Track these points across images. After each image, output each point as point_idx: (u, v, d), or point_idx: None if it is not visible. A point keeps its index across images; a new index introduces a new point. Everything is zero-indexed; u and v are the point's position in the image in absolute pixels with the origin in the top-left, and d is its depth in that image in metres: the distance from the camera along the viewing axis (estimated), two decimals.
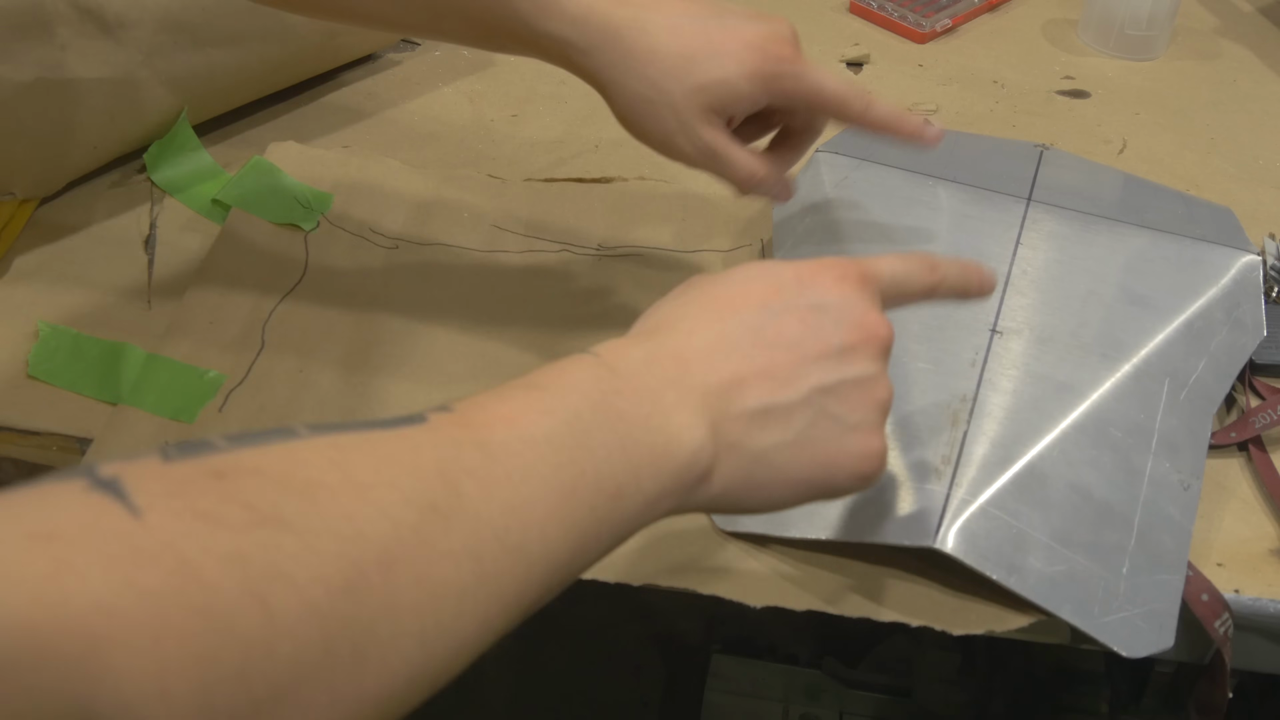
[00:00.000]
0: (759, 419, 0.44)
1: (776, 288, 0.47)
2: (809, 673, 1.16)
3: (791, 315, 0.46)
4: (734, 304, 0.46)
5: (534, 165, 0.83)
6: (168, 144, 0.79)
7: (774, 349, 0.45)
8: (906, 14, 0.99)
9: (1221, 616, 0.57)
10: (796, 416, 0.45)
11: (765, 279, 0.47)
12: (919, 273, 0.51)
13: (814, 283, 0.47)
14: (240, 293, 0.71)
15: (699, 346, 0.44)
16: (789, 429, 0.45)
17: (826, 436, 0.46)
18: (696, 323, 0.45)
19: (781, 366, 0.45)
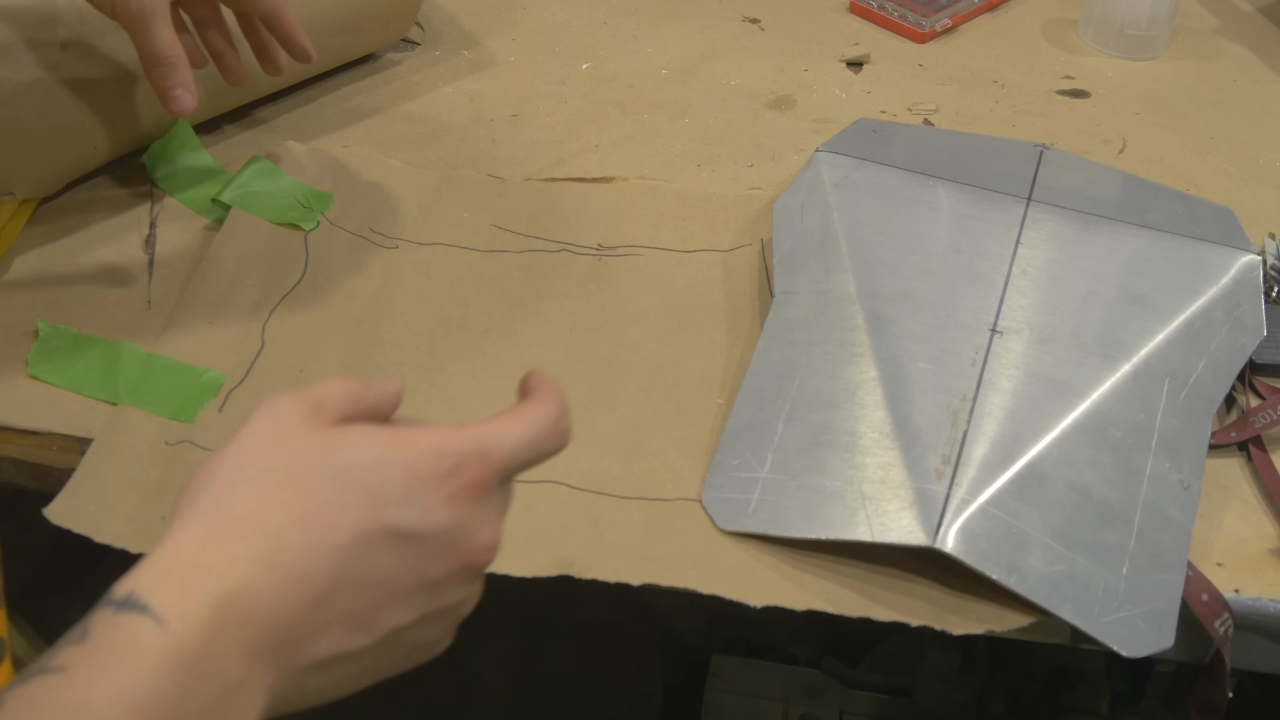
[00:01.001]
0: (326, 665, 0.39)
1: (378, 505, 0.39)
2: (809, 672, 1.17)
3: (387, 548, 0.39)
4: (326, 523, 0.38)
5: (534, 165, 0.83)
6: (168, 144, 0.79)
7: (360, 590, 0.39)
8: (906, 14, 0.99)
9: (1221, 616, 0.57)
10: (367, 656, 0.40)
11: (366, 489, 0.39)
12: (547, 442, 0.44)
13: (422, 503, 0.39)
14: (240, 293, 0.71)
15: (272, 592, 0.37)
16: (355, 666, 0.40)
17: (393, 660, 0.41)
18: (279, 548, 0.37)
19: (364, 609, 0.39)
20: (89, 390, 0.65)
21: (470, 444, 0.41)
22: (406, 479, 0.40)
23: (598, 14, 1.00)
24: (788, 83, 0.93)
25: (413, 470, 0.40)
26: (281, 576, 0.37)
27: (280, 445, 0.40)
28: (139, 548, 0.57)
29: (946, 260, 0.70)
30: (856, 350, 0.65)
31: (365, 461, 0.39)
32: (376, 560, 0.39)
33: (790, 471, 0.61)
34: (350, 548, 0.38)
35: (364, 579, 0.39)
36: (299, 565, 0.37)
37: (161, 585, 0.36)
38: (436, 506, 0.40)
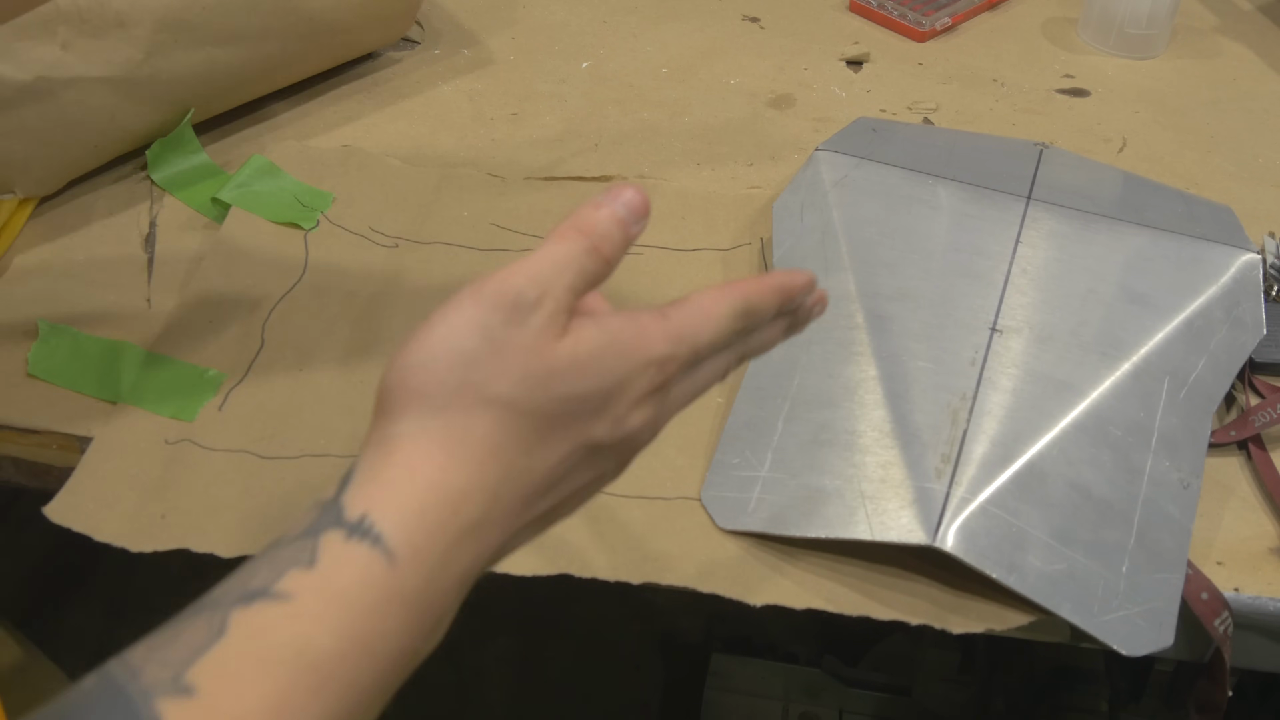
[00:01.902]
0: (508, 551, 0.41)
1: (591, 427, 0.40)
2: (809, 671, 1.17)
3: (585, 458, 0.41)
4: (547, 449, 0.39)
5: (534, 164, 0.83)
6: (169, 143, 0.79)
7: (554, 495, 0.41)
8: (906, 13, 0.99)
9: (1221, 615, 0.57)
10: (539, 535, 0.43)
11: (587, 415, 0.40)
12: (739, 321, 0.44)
13: (622, 414, 0.41)
14: (240, 291, 0.71)
15: (496, 518, 0.38)
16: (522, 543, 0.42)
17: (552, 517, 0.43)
18: (506, 477, 0.38)
19: (552, 511, 0.42)
20: (89, 389, 0.65)
21: (670, 347, 0.42)
22: (618, 394, 0.41)
23: (597, 13, 1.00)
24: (787, 81, 0.93)
25: (625, 385, 0.41)
26: (505, 506, 0.38)
27: (521, 364, 0.39)
28: (138, 546, 0.57)
29: (946, 259, 0.70)
30: (856, 349, 0.65)
31: (593, 390, 0.40)
32: (572, 468, 0.41)
33: (790, 470, 0.61)
34: (560, 463, 0.40)
35: (559, 485, 0.41)
36: (520, 490, 0.39)
37: (397, 514, 0.36)
38: (629, 415, 0.41)
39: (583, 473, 0.41)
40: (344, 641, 0.33)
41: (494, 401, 0.38)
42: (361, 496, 0.36)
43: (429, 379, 0.38)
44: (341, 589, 0.34)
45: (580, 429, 0.40)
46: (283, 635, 0.33)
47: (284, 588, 0.34)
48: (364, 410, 0.65)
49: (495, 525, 0.38)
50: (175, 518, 0.59)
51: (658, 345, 0.41)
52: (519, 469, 0.39)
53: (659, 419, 0.43)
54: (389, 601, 0.35)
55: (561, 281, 0.40)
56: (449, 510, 0.37)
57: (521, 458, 0.39)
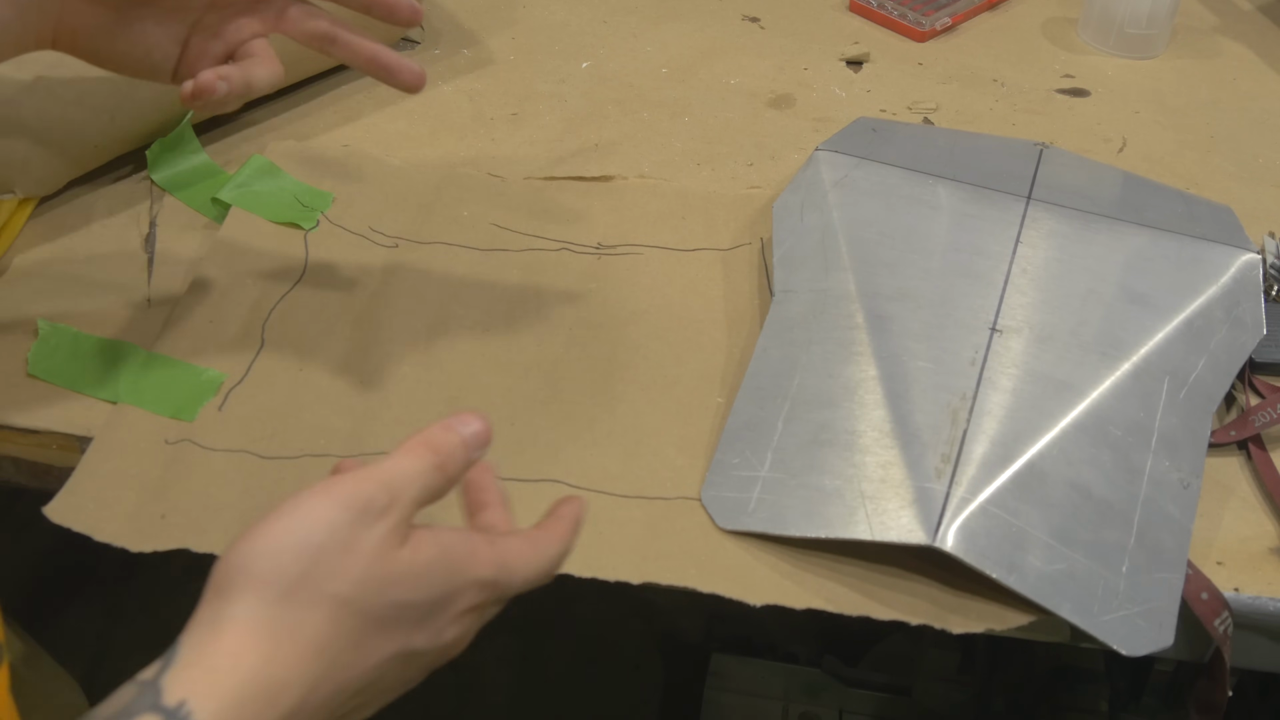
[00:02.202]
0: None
1: (414, 634, 0.43)
2: (809, 671, 1.17)
3: (402, 661, 0.43)
4: (371, 648, 0.41)
5: (534, 164, 0.83)
6: (169, 143, 0.79)
7: (365, 694, 0.42)
8: (906, 12, 0.99)
9: (1221, 615, 0.57)
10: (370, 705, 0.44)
11: (412, 622, 0.42)
12: (547, 578, 0.48)
13: (442, 626, 0.44)
14: (240, 291, 0.71)
15: (309, 709, 0.39)
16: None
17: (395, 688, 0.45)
18: (329, 673, 0.40)
19: (358, 709, 0.43)
20: (89, 389, 0.65)
21: (494, 573, 0.45)
22: (443, 606, 0.43)
23: (597, 13, 1.00)
24: (787, 81, 0.93)
25: (451, 599, 0.43)
26: (321, 697, 0.40)
27: (362, 566, 0.41)
28: (138, 546, 0.57)
29: (946, 259, 0.70)
30: (856, 349, 0.65)
31: (423, 599, 0.43)
32: (387, 671, 0.43)
33: (790, 470, 0.61)
34: (379, 666, 0.42)
35: (371, 687, 0.42)
36: (337, 685, 0.40)
37: (215, 701, 0.37)
38: (448, 626, 0.44)
39: (394, 675, 0.43)
40: None
41: (331, 599, 0.40)
42: (183, 680, 0.37)
43: (271, 567, 0.40)
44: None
45: (403, 635, 0.42)
46: None
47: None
48: (364, 410, 0.65)
49: (309, 714, 0.39)
50: (175, 518, 0.59)
51: (485, 568, 0.44)
52: (340, 665, 0.40)
53: (469, 634, 0.46)
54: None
55: (409, 493, 0.43)
56: (266, 702, 0.38)
57: (343, 655, 0.40)
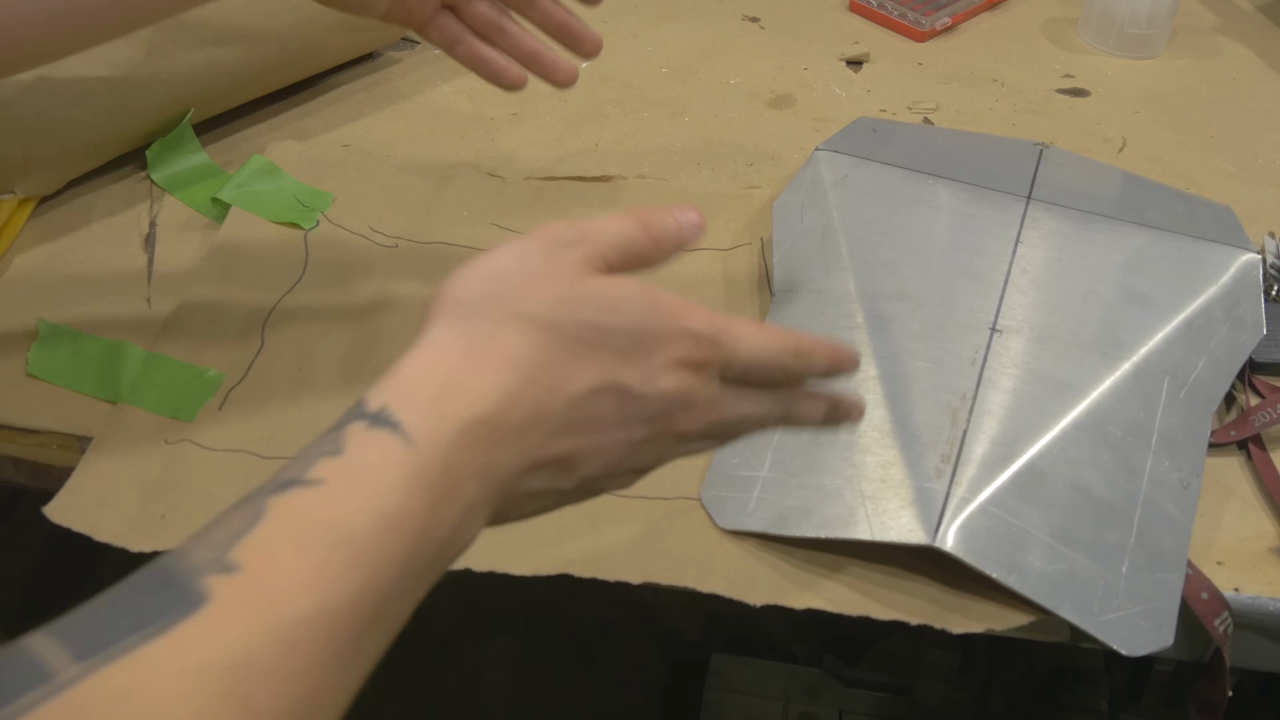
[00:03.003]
0: (532, 496, 0.42)
1: (619, 364, 0.41)
2: (809, 671, 1.17)
3: (611, 401, 0.41)
4: (572, 372, 0.41)
5: (534, 163, 0.83)
6: (169, 143, 0.79)
7: (579, 435, 0.41)
8: (906, 12, 0.99)
9: (1221, 615, 0.57)
10: (565, 495, 0.43)
11: (614, 349, 0.41)
12: (782, 358, 0.46)
13: (653, 368, 0.42)
14: (240, 291, 0.71)
15: (512, 425, 0.39)
16: (552, 500, 0.43)
17: (578, 497, 0.44)
18: (526, 386, 0.40)
19: (576, 454, 0.42)
20: (89, 389, 0.65)
21: (712, 331, 0.43)
22: (650, 344, 0.42)
23: (597, 13, 1.00)
24: (787, 81, 0.93)
25: (658, 339, 0.42)
26: (522, 414, 0.39)
27: (551, 287, 0.41)
28: (138, 546, 0.57)
29: (946, 259, 0.70)
30: (856, 349, 0.65)
31: (621, 326, 0.42)
32: (599, 410, 0.41)
33: (790, 470, 0.61)
34: (585, 396, 0.41)
35: (584, 426, 0.41)
36: (538, 405, 0.40)
37: (413, 404, 0.38)
38: (662, 373, 0.42)
39: (611, 420, 0.42)
40: (373, 518, 0.35)
41: (520, 316, 0.40)
42: (382, 391, 0.39)
43: (462, 290, 0.41)
44: (367, 471, 0.36)
45: (606, 364, 0.41)
46: (316, 516, 0.35)
47: (315, 475, 0.36)
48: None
49: (513, 431, 0.39)
50: (175, 518, 0.59)
51: (697, 321, 0.43)
52: (537, 383, 0.40)
53: (700, 403, 0.44)
54: (412, 481, 0.37)
55: (605, 235, 0.43)
56: (462, 403, 0.38)
57: (540, 372, 0.40)
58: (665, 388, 0.42)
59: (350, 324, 0.70)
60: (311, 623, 0.33)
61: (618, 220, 0.45)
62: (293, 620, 0.33)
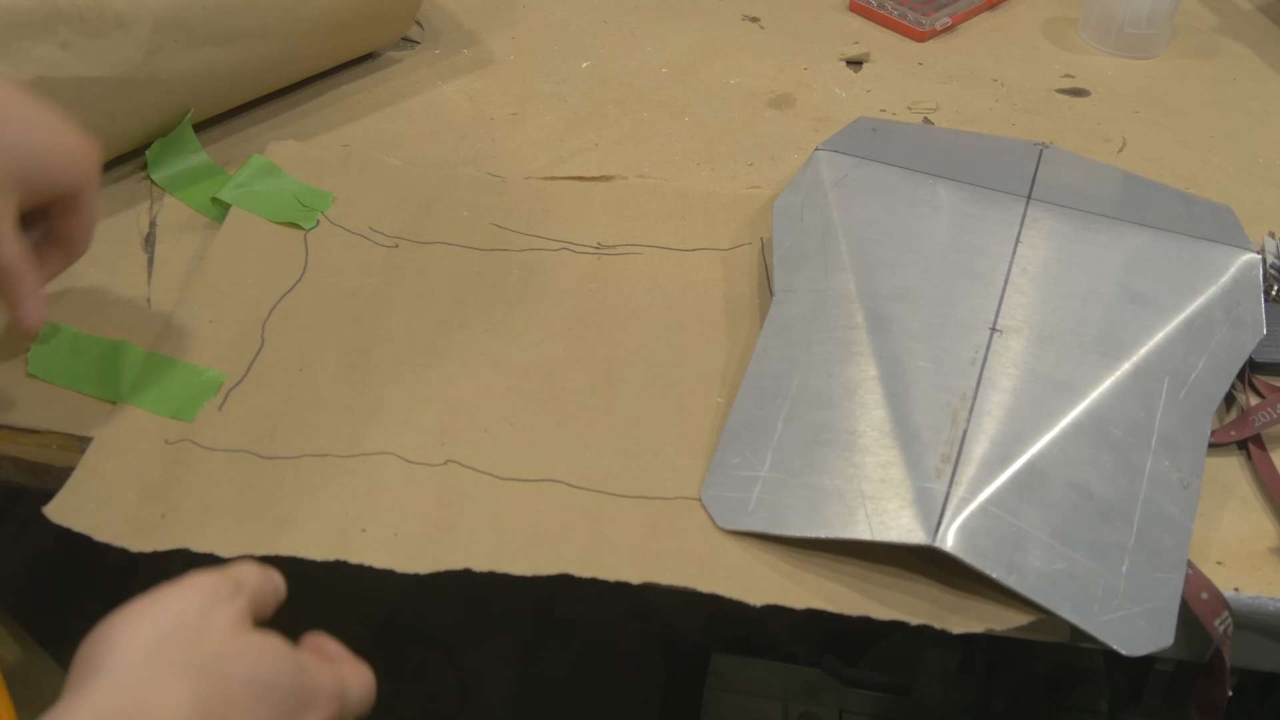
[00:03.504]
0: None
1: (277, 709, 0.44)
2: (809, 671, 1.17)
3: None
4: (236, 705, 0.43)
5: (534, 163, 0.83)
6: (169, 143, 0.79)
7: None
8: (906, 12, 0.99)
9: (1221, 615, 0.57)
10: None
11: (272, 706, 0.44)
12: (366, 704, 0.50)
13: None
14: (240, 291, 0.71)
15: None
16: None
17: None
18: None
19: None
20: (89, 389, 0.65)
21: (339, 685, 0.48)
22: (299, 702, 0.45)
23: (597, 12, 1.00)
24: (787, 81, 0.93)
25: (308, 704, 0.46)
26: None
27: (213, 642, 0.44)
28: (138, 546, 0.57)
29: (946, 259, 0.70)
30: (856, 349, 0.65)
31: (276, 681, 0.45)
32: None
33: (790, 470, 0.61)
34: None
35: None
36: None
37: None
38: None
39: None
40: None
41: (190, 667, 0.42)
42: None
43: (132, 638, 0.43)
44: None
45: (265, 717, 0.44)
46: None
47: None
48: (364, 410, 0.65)
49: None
50: (175, 518, 0.59)
51: (330, 679, 0.47)
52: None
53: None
54: None
55: (250, 585, 0.47)
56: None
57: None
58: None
59: (350, 323, 0.70)
60: None
61: (250, 569, 0.49)
62: None
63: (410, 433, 0.64)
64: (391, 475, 0.61)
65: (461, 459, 0.62)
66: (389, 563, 0.57)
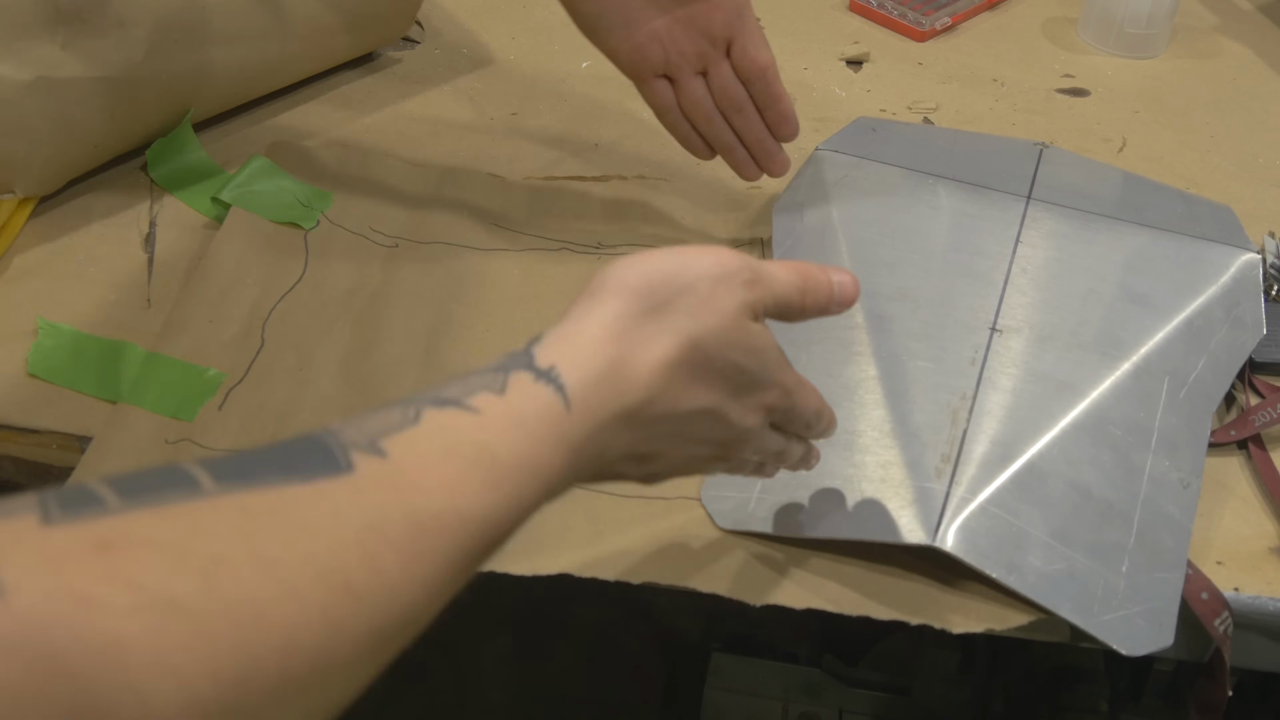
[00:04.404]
0: (607, 475, 0.46)
1: (732, 394, 0.46)
2: (809, 671, 1.17)
3: (710, 422, 0.46)
4: (703, 391, 0.45)
5: (533, 163, 0.83)
6: (168, 144, 0.79)
7: (672, 441, 0.46)
8: (906, 12, 0.99)
9: (1221, 615, 0.57)
10: (625, 477, 0.47)
11: (736, 384, 0.46)
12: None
13: (753, 404, 0.48)
14: (240, 291, 0.71)
15: (641, 420, 0.43)
16: (613, 477, 0.47)
17: (641, 478, 0.48)
18: (665, 394, 0.44)
19: (660, 455, 0.46)
20: (88, 389, 0.65)
21: (793, 385, 0.50)
22: (757, 387, 0.48)
23: None
24: (787, 81, 0.92)
25: (764, 385, 0.48)
26: (651, 414, 0.43)
27: (716, 317, 0.45)
28: None
29: (946, 259, 0.70)
30: (856, 349, 0.65)
31: (750, 370, 0.47)
32: (697, 426, 0.46)
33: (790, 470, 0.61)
34: (695, 414, 0.45)
35: (681, 436, 0.46)
36: (663, 411, 0.44)
37: (579, 376, 0.41)
38: (751, 411, 0.48)
39: (699, 437, 0.46)
40: (519, 458, 0.38)
41: (686, 333, 0.44)
42: (552, 350, 0.42)
43: (644, 283, 0.44)
44: (523, 416, 0.39)
45: (723, 394, 0.46)
46: (469, 436, 0.38)
47: (475, 403, 0.39)
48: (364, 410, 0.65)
49: (638, 425, 0.43)
50: None
51: (791, 376, 0.49)
52: (672, 394, 0.44)
53: (754, 439, 0.49)
54: (560, 440, 0.40)
55: (774, 287, 0.48)
56: (618, 391, 0.42)
57: (677, 384, 0.44)
58: (749, 423, 0.48)
59: (350, 324, 0.70)
60: (444, 519, 0.35)
61: (785, 273, 0.48)
62: (428, 511, 0.35)
63: None
64: None
65: None
66: None
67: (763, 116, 0.71)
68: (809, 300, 0.49)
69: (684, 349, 0.44)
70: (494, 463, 0.37)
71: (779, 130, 0.72)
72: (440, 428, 0.37)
